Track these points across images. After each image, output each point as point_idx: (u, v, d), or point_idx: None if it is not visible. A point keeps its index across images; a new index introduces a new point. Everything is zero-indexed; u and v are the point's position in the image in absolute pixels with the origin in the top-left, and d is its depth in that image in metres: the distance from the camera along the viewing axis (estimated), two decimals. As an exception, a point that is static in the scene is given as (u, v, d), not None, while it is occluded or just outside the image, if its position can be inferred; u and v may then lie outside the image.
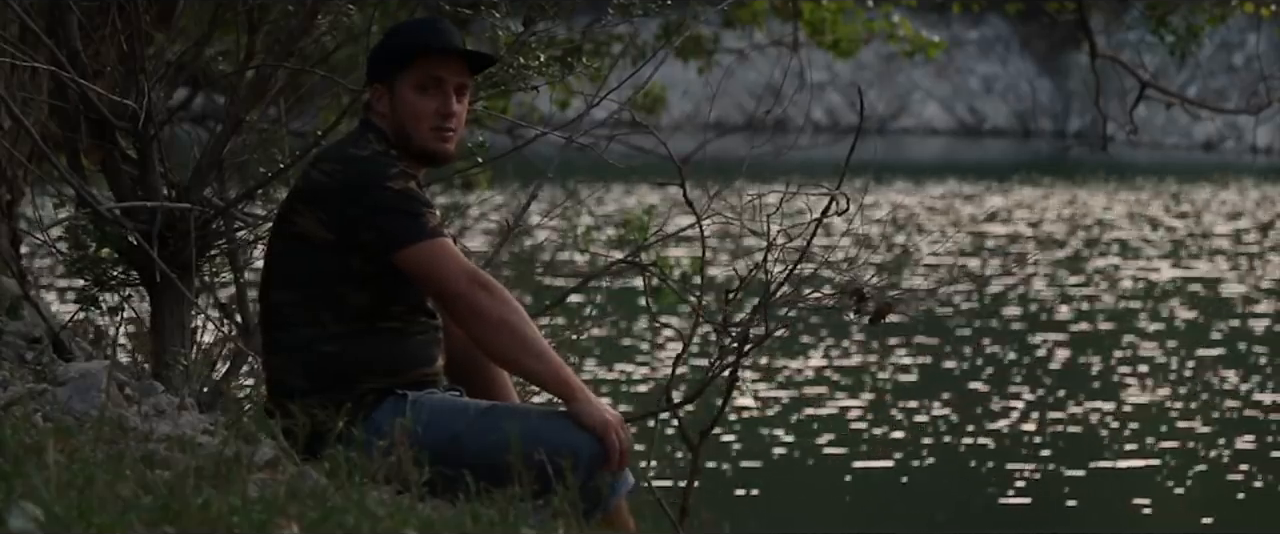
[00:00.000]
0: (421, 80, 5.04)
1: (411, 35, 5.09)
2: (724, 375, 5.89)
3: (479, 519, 3.98)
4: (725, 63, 17.00)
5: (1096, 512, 11.27)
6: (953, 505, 11.42)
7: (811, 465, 12.20)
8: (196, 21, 7.51)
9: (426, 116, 5.03)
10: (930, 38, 16.90)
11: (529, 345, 4.86)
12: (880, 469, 12.16)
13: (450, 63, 5.07)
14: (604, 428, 4.82)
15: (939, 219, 27.98)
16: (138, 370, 6.58)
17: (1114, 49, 19.83)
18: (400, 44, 5.07)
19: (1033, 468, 12.13)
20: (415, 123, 5.03)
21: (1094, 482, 11.86)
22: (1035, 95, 52.07)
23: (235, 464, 4.15)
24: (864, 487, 11.87)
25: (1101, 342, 17.05)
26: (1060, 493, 11.62)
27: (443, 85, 5.05)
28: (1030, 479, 11.90)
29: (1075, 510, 11.31)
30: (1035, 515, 11.26)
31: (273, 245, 5.09)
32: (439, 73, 5.05)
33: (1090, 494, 11.60)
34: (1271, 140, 45.39)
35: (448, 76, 5.06)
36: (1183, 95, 16.09)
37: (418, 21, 5.24)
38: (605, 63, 13.17)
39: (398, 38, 5.11)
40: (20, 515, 3.33)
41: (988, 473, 11.99)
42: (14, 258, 7.29)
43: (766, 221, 5.86)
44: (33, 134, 6.64)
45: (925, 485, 11.80)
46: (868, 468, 12.18)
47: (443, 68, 5.06)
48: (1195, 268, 22.66)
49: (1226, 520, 11.15)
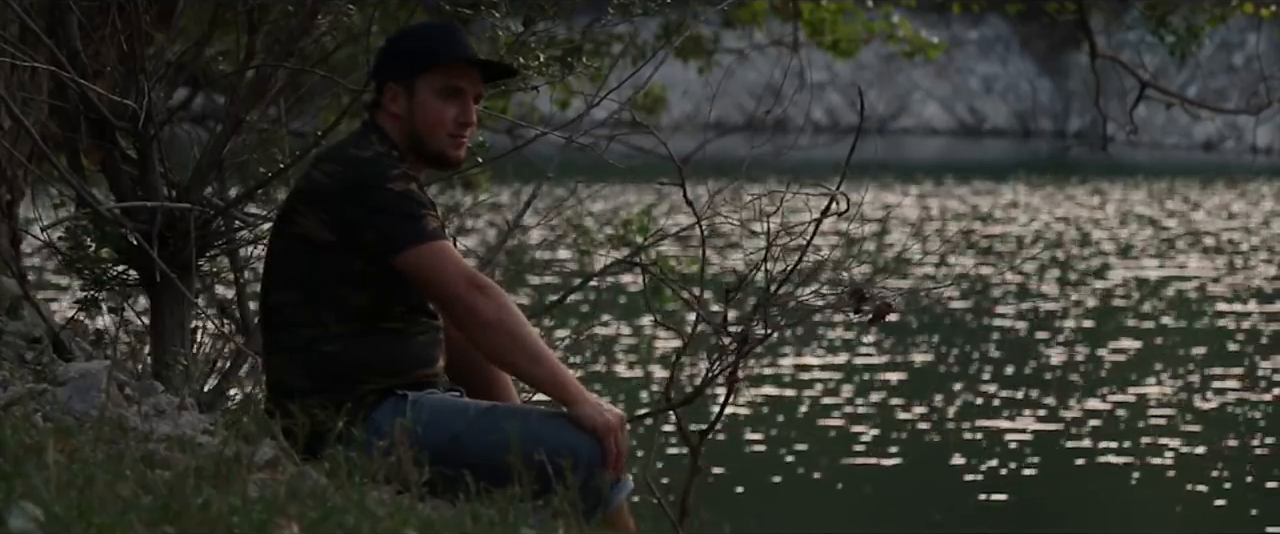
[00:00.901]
0: (444, 87, 5.04)
1: (436, 40, 5.07)
2: (724, 375, 5.89)
3: (479, 519, 3.98)
4: (725, 63, 17.00)
5: (1097, 510, 11.27)
6: (953, 505, 11.42)
7: (811, 465, 12.20)
8: (196, 21, 7.51)
9: (446, 123, 5.04)
10: (930, 38, 16.91)
11: (526, 348, 4.86)
12: (880, 469, 12.16)
13: (471, 71, 5.08)
14: (603, 430, 4.81)
15: (938, 218, 27.98)
16: (138, 370, 6.58)
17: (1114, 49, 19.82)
18: (424, 47, 5.06)
19: (1032, 467, 12.13)
20: (433, 127, 5.03)
21: (1094, 482, 11.86)
22: (1035, 95, 52.08)
23: (235, 464, 4.15)
24: (864, 486, 11.87)
25: (1101, 341, 17.05)
26: (1060, 492, 11.62)
27: (464, 94, 5.06)
28: (1030, 479, 11.90)
29: (1075, 509, 11.32)
30: (1035, 515, 11.27)
31: (273, 246, 5.09)
32: (462, 81, 5.06)
33: (1090, 493, 11.60)
34: (1271, 140, 45.38)
35: (469, 86, 5.07)
36: (1183, 95, 16.10)
37: (438, 26, 5.22)
38: (605, 63, 13.16)
39: (420, 41, 5.08)
40: (20, 515, 3.33)
41: (988, 473, 11.99)
42: (14, 258, 7.29)
43: (766, 222, 5.86)
44: (33, 134, 6.63)
45: (925, 485, 11.80)
46: (868, 468, 12.18)
47: (465, 76, 5.06)
48: (1193, 268, 22.66)
49: (1227, 519, 11.15)
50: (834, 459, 12.34)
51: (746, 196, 6.04)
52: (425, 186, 5.10)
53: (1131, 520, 11.15)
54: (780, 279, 5.81)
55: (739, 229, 6.10)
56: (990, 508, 11.27)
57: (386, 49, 5.13)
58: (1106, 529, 11.10)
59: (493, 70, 5.16)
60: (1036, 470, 12.09)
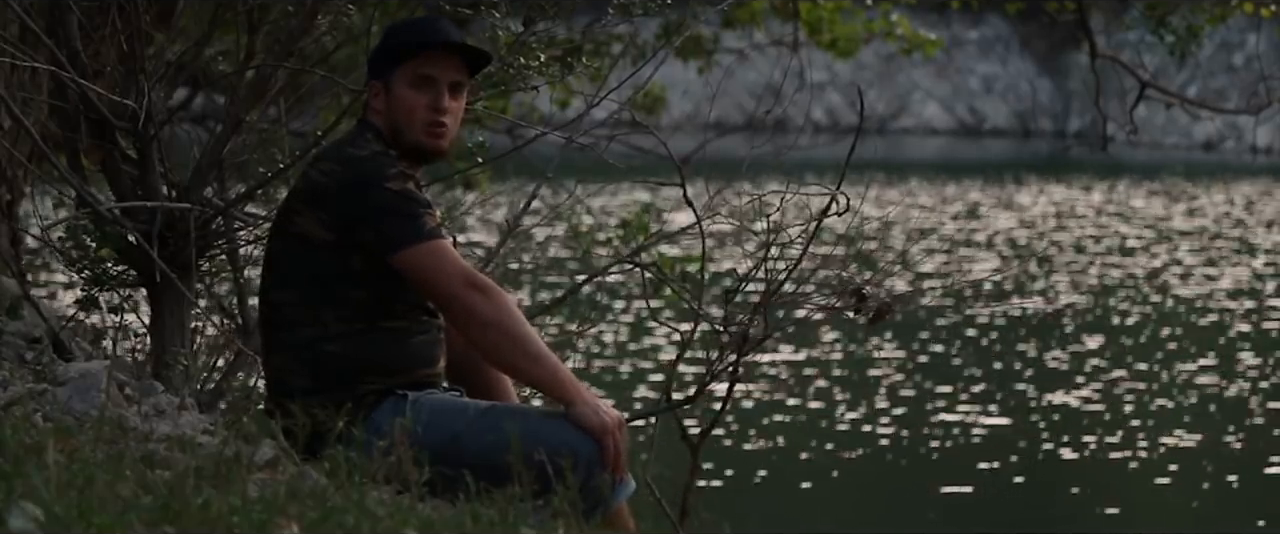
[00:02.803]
0: (415, 77, 5.06)
1: (407, 33, 5.11)
2: (724, 375, 5.89)
3: (479, 519, 3.98)
4: (725, 63, 16.99)
5: (1104, 510, 11.27)
6: (953, 504, 11.42)
7: (811, 465, 12.20)
8: (196, 21, 7.51)
9: (418, 111, 5.04)
10: (929, 37, 16.91)
11: (525, 348, 4.86)
12: (880, 468, 12.16)
13: (445, 60, 5.08)
14: (602, 431, 4.81)
15: (935, 220, 27.98)
16: (138, 370, 6.58)
17: (1114, 49, 19.83)
18: (396, 42, 5.09)
19: (1035, 467, 12.13)
20: (408, 118, 5.04)
21: (1093, 481, 11.86)
22: (1035, 95, 52.07)
23: (235, 464, 4.15)
24: (864, 486, 11.87)
25: (1101, 340, 17.05)
26: (1064, 492, 11.62)
27: (435, 82, 5.06)
28: (1032, 479, 11.90)
29: (1081, 509, 11.31)
30: (1038, 514, 11.26)
31: (272, 245, 5.09)
32: (432, 70, 5.06)
33: (1089, 492, 11.60)
34: (1271, 140, 45.38)
35: (440, 74, 5.07)
36: (1183, 95, 16.10)
37: (416, 20, 5.25)
38: (605, 63, 13.16)
39: (394, 36, 5.13)
40: (20, 515, 3.33)
41: (988, 472, 11.99)
42: (14, 258, 7.29)
43: (767, 221, 5.86)
44: (33, 134, 6.64)
45: (925, 485, 11.80)
46: (868, 467, 12.18)
47: (436, 65, 5.07)
48: (1194, 267, 22.66)
49: (1223, 518, 11.15)
50: (834, 459, 12.33)
51: (746, 196, 6.04)
52: (424, 185, 5.10)
53: (1137, 521, 11.14)
54: (780, 279, 5.81)
55: (739, 229, 6.10)
56: (991, 508, 11.27)
57: (372, 50, 5.17)
58: (1114, 528, 11.09)
59: (472, 59, 5.15)
60: (1039, 470, 12.09)
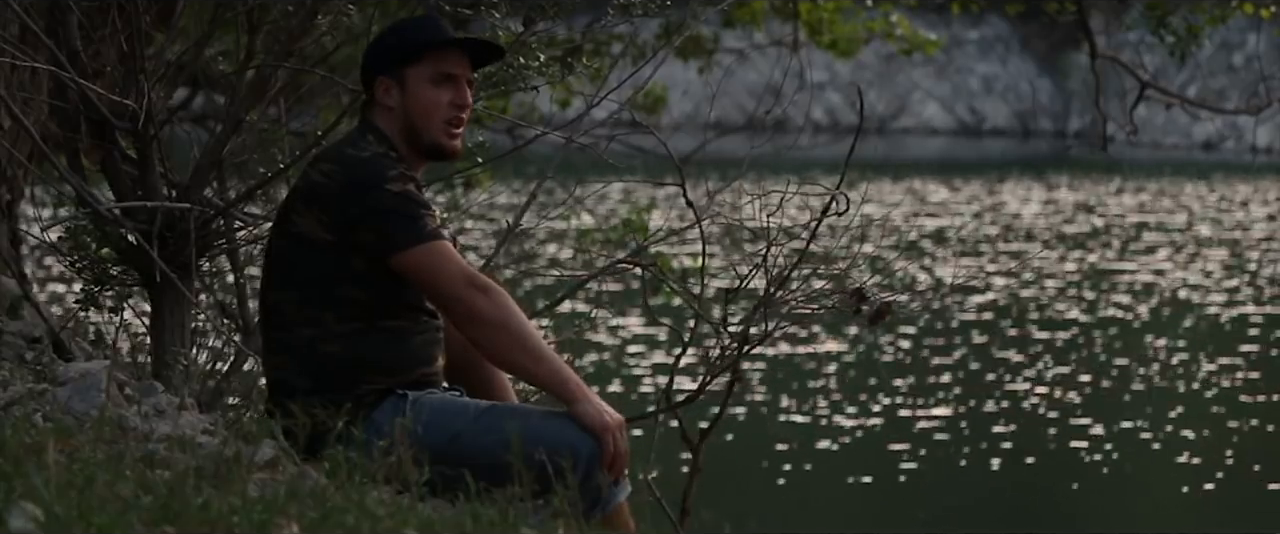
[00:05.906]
0: (436, 74, 5.05)
1: (422, 30, 5.09)
2: (724, 375, 5.89)
3: (479, 519, 3.98)
4: (725, 63, 16.99)
5: (1104, 510, 11.27)
6: (952, 504, 11.42)
7: (811, 465, 12.20)
8: (196, 21, 7.50)
9: (441, 109, 5.04)
10: (929, 37, 16.91)
11: (527, 347, 4.86)
12: (880, 468, 12.16)
13: (461, 57, 5.08)
14: (602, 431, 4.81)
15: (934, 219, 27.99)
16: (138, 370, 6.58)
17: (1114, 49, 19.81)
18: (412, 38, 5.07)
19: (1036, 467, 12.13)
20: (428, 116, 5.04)
21: (1094, 481, 11.86)
22: (1035, 95, 52.08)
23: (235, 464, 4.15)
24: (864, 486, 11.87)
25: (1100, 339, 17.05)
26: (1066, 490, 11.62)
27: (456, 79, 5.07)
28: (1034, 479, 11.90)
29: (1082, 508, 11.31)
30: (1039, 515, 11.27)
31: (272, 245, 5.09)
32: (452, 67, 5.06)
33: (1089, 492, 11.60)
34: (1271, 140, 45.38)
35: (460, 71, 5.08)
36: (1183, 95, 16.10)
37: (420, 18, 5.24)
38: (605, 63, 13.16)
39: (406, 32, 5.10)
40: (20, 515, 3.33)
41: (988, 472, 11.99)
42: (14, 258, 7.29)
43: (767, 221, 5.86)
44: (33, 134, 6.63)
45: (925, 484, 11.80)
46: (868, 467, 12.18)
47: (455, 62, 5.07)
48: (1194, 268, 22.66)
49: (1223, 518, 11.15)
50: (834, 458, 12.34)
51: (746, 196, 6.04)
52: (424, 186, 5.10)
53: (1138, 521, 11.14)
54: (780, 279, 5.81)
55: (739, 229, 6.10)
56: (993, 507, 11.27)
57: (372, 48, 5.14)
58: (1114, 528, 11.09)
59: (480, 52, 5.15)
60: (1040, 469, 12.09)
